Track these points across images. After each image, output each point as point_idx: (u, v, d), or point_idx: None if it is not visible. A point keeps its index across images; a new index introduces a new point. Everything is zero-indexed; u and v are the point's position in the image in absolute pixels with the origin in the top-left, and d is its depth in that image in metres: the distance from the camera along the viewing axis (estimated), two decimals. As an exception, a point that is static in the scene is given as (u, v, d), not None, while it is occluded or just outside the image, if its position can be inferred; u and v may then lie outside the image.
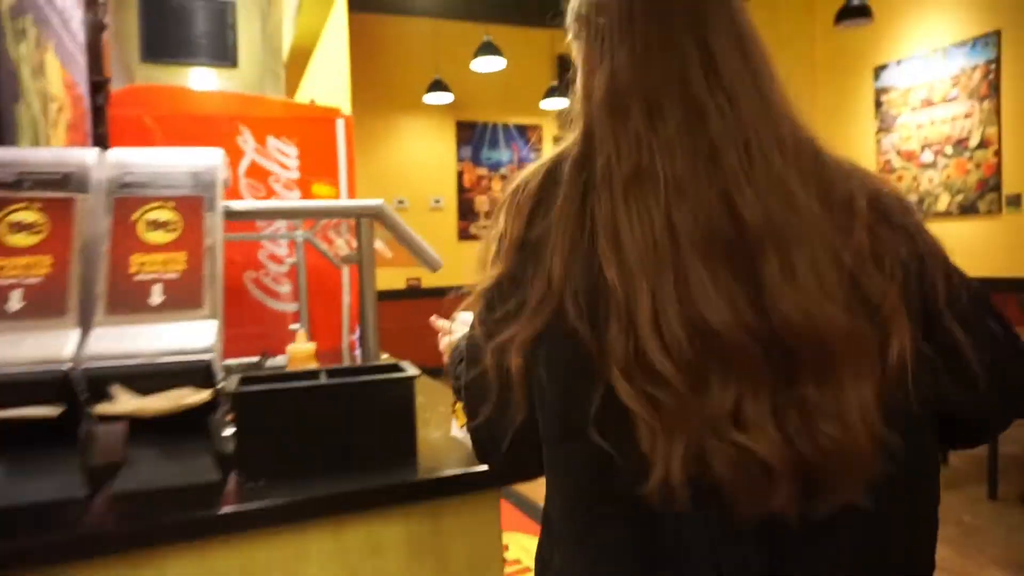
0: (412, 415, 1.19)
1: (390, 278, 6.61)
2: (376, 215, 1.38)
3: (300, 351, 1.38)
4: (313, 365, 1.41)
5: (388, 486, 1.11)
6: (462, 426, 1.22)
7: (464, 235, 6.98)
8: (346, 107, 5.06)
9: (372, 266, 1.38)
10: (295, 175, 2.69)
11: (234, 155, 2.59)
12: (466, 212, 7.01)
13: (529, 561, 2.83)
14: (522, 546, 3.14)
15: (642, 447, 0.56)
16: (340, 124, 2.75)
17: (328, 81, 4.52)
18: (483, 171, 7.08)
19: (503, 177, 7.13)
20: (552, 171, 0.66)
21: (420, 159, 6.84)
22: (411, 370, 1.22)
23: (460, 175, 6.98)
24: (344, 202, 1.38)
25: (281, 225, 2.74)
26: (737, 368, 0.55)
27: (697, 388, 0.55)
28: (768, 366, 0.55)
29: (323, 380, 1.17)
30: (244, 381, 1.20)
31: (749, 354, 0.55)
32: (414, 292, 6.75)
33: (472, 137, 7.01)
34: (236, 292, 2.68)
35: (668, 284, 0.56)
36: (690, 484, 0.55)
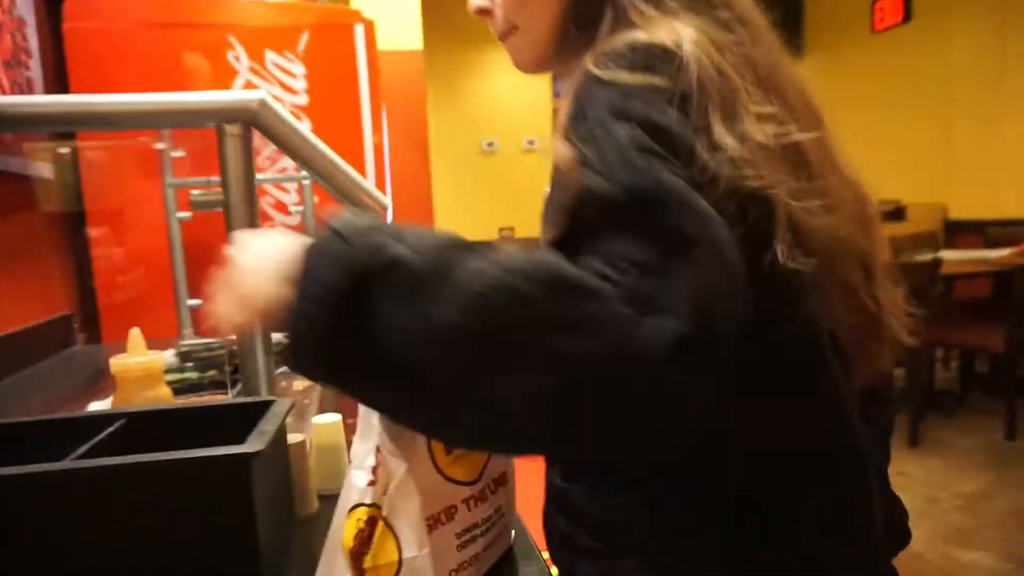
0: (251, 530, 0.55)
1: (480, 225, 6.03)
2: (250, 119, 0.74)
3: (130, 368, 0.77)
4: (159, 391, 0.80)
5: None
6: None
7: (562, 180, 6.23)
8: (416, 38, 4.43)
9: (247, 213, 0.75)
10: (303, 100, 2.09)
11: (225, 76, 2.03)
12: (564, 154, 6.24)
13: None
14: None
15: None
16: (359, 31, 2.11)
17: (388, 4, 3.88)
18: (582, 107, 6.25)
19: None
20: None
21: (510, 96, 6.07)
22: (263, 433, 0.59)
23: (556, 113, 6.19)
24: (187, 96, 0.73)
25: (289, 165, 2.17)
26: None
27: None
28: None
29: (70, 462, 0.56)
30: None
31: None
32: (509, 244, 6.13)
33: (569, 68, 6.17)
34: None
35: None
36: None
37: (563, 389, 0.38)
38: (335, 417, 0.85)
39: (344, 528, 0.53)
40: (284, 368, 1.05)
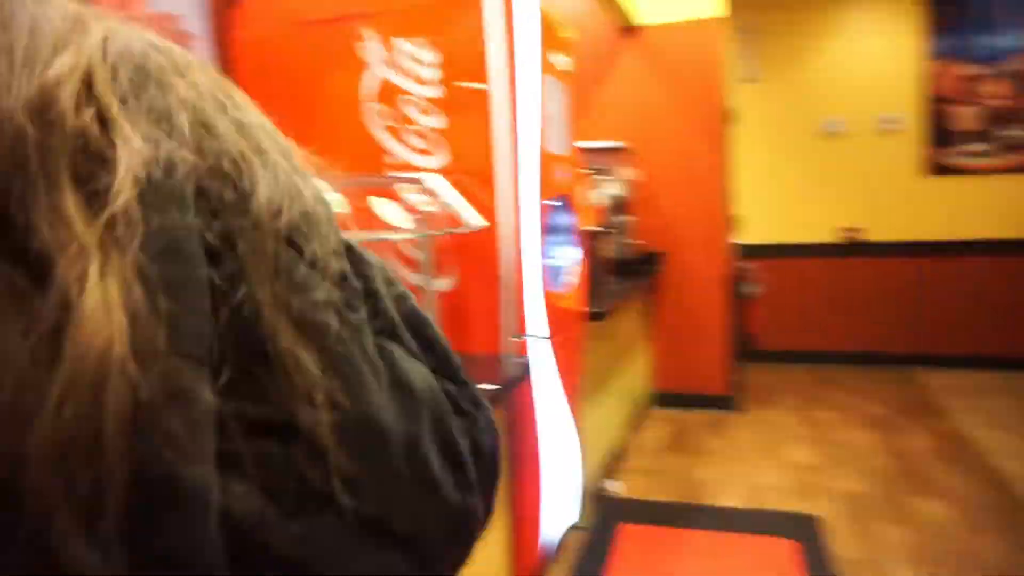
0: None
1: (819, 225, 5.02)
2: None
3: None
4: None
5: None
6: None
7: (937, 168, 4.76)
8: (715, 2, 3.76)
9: None
10: (435, 92, 1.84)
11: (354, 72, 1.89)
12: (941, 133, 4.75)
13: None
14: None
15: None
16: (490, 3, 1.76)
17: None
18: (972, 68, 4.60)
19: (1007, 76, 4.56)
20: None
21: (862, 63, 4.86)
22: None
23: (931, 78, 4.74)
24: None
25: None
26: None
27: None
28: None
29: None
30: None
31: None
32: (853, 248, 4.98)
33: (953, 17, 4.62)
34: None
35: None
36: None
37: None
38: None
39: None
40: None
